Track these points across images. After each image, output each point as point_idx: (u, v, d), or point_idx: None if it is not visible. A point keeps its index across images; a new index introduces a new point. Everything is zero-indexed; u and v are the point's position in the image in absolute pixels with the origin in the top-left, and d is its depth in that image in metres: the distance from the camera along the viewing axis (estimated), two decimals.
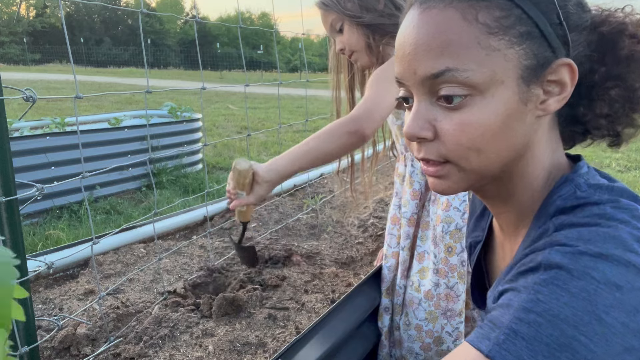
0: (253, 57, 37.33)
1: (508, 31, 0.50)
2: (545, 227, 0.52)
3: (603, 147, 0.65)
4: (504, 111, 0.52)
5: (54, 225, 2.80)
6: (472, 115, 0.52)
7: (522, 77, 0.51)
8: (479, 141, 0.52)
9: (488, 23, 0.50)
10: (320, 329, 1.14)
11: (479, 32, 0.50)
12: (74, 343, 1.21)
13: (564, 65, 0.52)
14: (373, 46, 1.27)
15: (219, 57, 36.89)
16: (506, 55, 0.51)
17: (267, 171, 1.16)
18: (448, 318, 1.30)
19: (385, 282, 1.41)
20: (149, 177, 3.75)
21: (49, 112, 7.61)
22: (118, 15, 50.48)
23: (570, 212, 0.51)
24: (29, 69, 27.27)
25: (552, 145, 0.58)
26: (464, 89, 0.51)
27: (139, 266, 1.70)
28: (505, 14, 0.50)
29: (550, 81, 0.53)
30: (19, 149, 2.95)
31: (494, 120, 0.52)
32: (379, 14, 1.24)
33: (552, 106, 0.53)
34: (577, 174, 0.55)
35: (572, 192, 0.53)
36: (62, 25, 1.08)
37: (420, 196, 1.36)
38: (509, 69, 0.51)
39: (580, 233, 0.47)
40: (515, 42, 0.51)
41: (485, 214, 0.76)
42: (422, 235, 1.37)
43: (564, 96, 0.53)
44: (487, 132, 0.52)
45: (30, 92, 0.91)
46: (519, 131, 0.53)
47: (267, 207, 2.41)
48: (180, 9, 50.85)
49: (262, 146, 5.70)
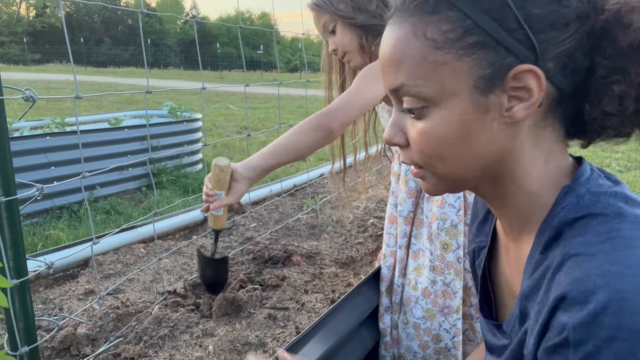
0: (253, 57, 37.34)
1: (454, 44, 0.51)
2: (551, 243, 0.52)
3: (603, 147, 0.64)
4: (459, 121, 0.53)
5: (54, 225, 2.80)
6: (429, 125, 0.55)
7: (475, 87, 0.51)
8: (438, 149, 0.55)
9: (435, 38, 0.52)
10: (320, 329, 1.14)
11: (426, 48, 0.52)
12: (74, 343, 1.21)
13: (525, 72, 0.50)
14: (366, 47, 1.28)
15: (219, 57, 36.89)
16: (454, 67, 0.51)
17: (244, 168, 1.19)
18: (445, 315, 1.30)
19: (385, 282, 1.41)
20: (149, 177, 3.75)
21: (49, 112, 7.61)
22: (118, 15, 50.48)
23: (574, 224, 0.51)
24: (29, 69, 27.27)
25: (544, 149, 0.56)
26: (419, 102, 0.54)
27: (139, 266, 1.70)
28: (452, 26, 0.51)
29: (515, 87, 0.51)
30: (19, 149, 2.95)
31: (449, 130, 0.54)
32: (372, 14, 1.25)
33: (519, 113, 0.52)
34: (579, 183, 0.54)
35: (574, 203, 0.52)
36: (62, 25, 1.08)
37: (415, 194, 1.36)
38: (459, 80, 0.52)
39: (594, 283, 0.44)
40: (463, 53, 0.51)
41: (489, 218, 0.75)
42: (417, 233, 1.37)
43: (531, 102, 0.51)
44: (444, 142, 0.54)
45: (30, 92, 0.91)
46: (482, 140, 0.54)
47: (267, 207, 2.41)
48: (180, 9, 50.84)
49: (262, 146, 5.70)
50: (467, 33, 0.50)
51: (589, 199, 0.52)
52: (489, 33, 0.50)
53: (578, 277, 0.45)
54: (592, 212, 0.50)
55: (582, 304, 0.43)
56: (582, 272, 0.45)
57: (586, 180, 0.54)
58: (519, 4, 0.49)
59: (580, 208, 0.51)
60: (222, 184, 1.20)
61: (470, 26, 0.50)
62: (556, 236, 0.52)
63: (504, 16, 0.49)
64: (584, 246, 0.47)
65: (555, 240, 0.52)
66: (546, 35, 0.50)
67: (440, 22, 0.51)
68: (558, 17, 0.50)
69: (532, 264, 0.54)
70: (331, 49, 1.33)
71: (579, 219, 0.51)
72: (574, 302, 0.44)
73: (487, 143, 0.54)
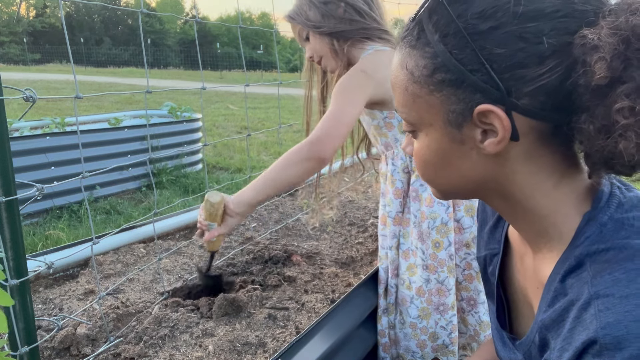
0: (253, 57, 37.35)
1: (427, 79, 0.53)
2: (571, 273, 0.51)
3: None
4: (437, 149, 0.57)
5: (54, 225, 2.80)
6: (418, 147, 0.60)
7: (447, 121, 0.54)
8: (426, 168, 0.60)
9: (413, 71, 0.55)
10: (320, 329, 1.14)
11: (407, 79, 0.56)
12: (74, 343, 1.21)
13: (487, 111, 0.50)
14: (338, 50, 1.32)
15: (219, 57, 36.89)
16: (428, 101, 0.54)
17: (237, 204, 1.23)
18: (441, 312, 1.31)
19: (382, 284, 1.41)
20: (149, 177, 3.75)
21: (49, 112, 7.61)
22: (118, 15, 50.47)
23: (598, 257, 0.49)
24: (29, 69, 27.27)
25: (550, 175, 0.54)
26: (408, 126, 0.60)
27: (139, 266, 1.70)
28: (426, 62, 0.53)
29: (484, 122, 0.51)
30: (19, 149, 2.95)
31: (431, 154, 0.58)
32: (339, 20, 1.29)
33: (489, 148, 0.52)
34: (600, 209, 0.52)
35: (598, 233, 0.51)
36: (62, 25, 1.08)
37: (402, 194, 1.36)
38: (433, 113, 0.55)
39: (627, 329, 0.43)
40: (434, 89, 0.53)
41: (500, 224, 0.74)
42: (404, 232, 1.37)
43: (499, 140, 0.51)
44: (428, 163, 0.59)
45: (30, 92, 0.91)
46: (464, 166, 0.56)
47: (267, 207, 2.41)
48: (180, 9, 50.84)
49: (262, 146, 5.70)
50: (436, 70, 0.52)
51: (612, 227, 0.51)
52: (454, 72, 0.51)
53: (610, 322, 0.44)
54: (616, 245, 0.49)
55: (615, 350, 0.43)
56: (613, 316, 0.44)
57: (606, 204, 0.52)
58: (479, 44, 0.49)
59: (604, 239, 0.50)
60: (214, 217, 1.24)
61: (439, 64, 0.52)
62: (577, 266, 0.51)
63: (466, 56, 0.50)
64: (612, 286, 0.46)
65: (576, 270, 0.51)
66: (512, 74, 0.49)
67: (418, 57, 0.54)
68: (526, 55, 0.48)
69: (552, 292, 0.53)
70: (308, 56, 1.39)
71: (603, 252, 0.49)
72: (606, 349, 0.43)
73: (470, 169, 0.56)
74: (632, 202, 0.53)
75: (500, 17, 0.48)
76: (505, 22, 0.48)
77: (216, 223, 1.25)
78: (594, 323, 0.45)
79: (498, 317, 0.73)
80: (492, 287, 0.75)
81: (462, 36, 0.50)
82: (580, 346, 0.46)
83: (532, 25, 0.48)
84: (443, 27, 0.51)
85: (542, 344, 0.55)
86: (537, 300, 0.59)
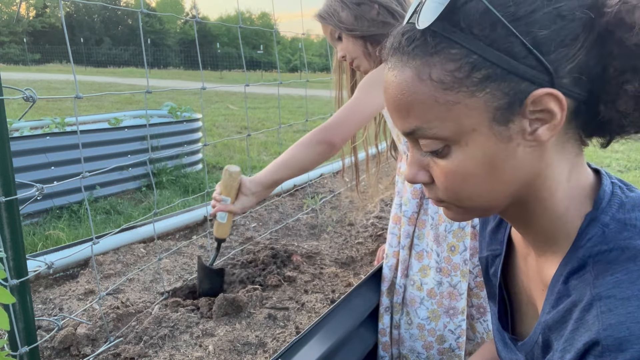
0: (253, 57, 37.35)
1: (464, 81, 0.49)
2: (574, 274, 0.51)
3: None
4: (483, 156, 0.52)
5: (54, 225, 2.80)
6: (453, 164, 0.53)
7: (494, 120, 0.50)
8: (465, 187, 0.54)
9: (442, 79, 0.50)
10: (320, 329, 1.14)
11: (434, 90, 0.51)
12: (74, 343, 1.21)
13: (544, 95, 0.49)
14: (371, 53, 1.31)
15: (219, 57, 36.89)
16: (468, 105, 0.50)
17: (251, 182, 1.24)
18: (451, 316, 1.30)
19: (386, 282, 1.41)
20: (149, 177, 3.75)
21: (49, 112, 7.61)
22: (118, 15, 50.47)
23: (601, 258, 0.49)
24: (29, 69, 27.27)
25: (567, 165, 0.55)
26: (439, 143, 0.53)
27: (139, 266, 1.70)
28: (458, 65, 0.49)
29: (535, 111, 0.50)
30: (19, 149, 2.95)
31: (475, 165, 0.53)
32: (372, 23, 1.28)
33: (543, 135, 0.51)
34: (602, 210, 0.52)
35: (600, 234, 0.51)
36: (62, 25, 1.08)
37: (420, 195, 1.36)
38: (476, 116, 0.50)
39: (630, 331, 0.43)
40: (475, 89, 0.49)
41: (502, 225, 0.74)
42: (419, 233, 1.37)
43: (554, 124, 0.50)
44: (471, 178, 0.53)
45: (30, 92, 0.91)
46: (508, 168, 0.52)
47: (267, 207, 2.41)
48: (180, 9, 50.83)
49: (262, 146, 5.71)
50: (475, 69, 0.49)
51: (614, 227, 0.51)
52: (498, 65, 0.48)
53: (612, 323, 0.44)
54: (619, 246, 0.49)
55: (617, 352, 0.43)
56: (615, 318, 0.44)
57: (608, 204, 0.53)
58: (523, 30, 0.48)
59: (606, 240, 0.50)
60: (229, 190, 1.25)
61: (477, 61, 0.49)
62: (579, 268, 0.51)
63: (510, 45, 0.48)
64: (614, 287, 0.46)
65: (578, 271, 0.51)
66: (557, 55, 0.49)
67: (444, 62, 0.50)
68: (565, 33, 0.49)
69: (555, 293, 0.53)
70: (340, 56, 1.37)
71: (605, 253, 0.49)
72: (608, 350, 0.43)
73: (514, 169, 0.53)
74: (634, 202, 0.53)
75: (533, 1, 0.48)
76: (540, 4, 0.48)
77: (230, 198, 1.25)
78: (596, 324, 0.45)
79: (500, 318, 0.72)
80: (493, 288, 0.74)
81: (502, 25, 0.48)
82: (582, 347, 0.46)
83: (564, 3, 0.49)
84: (476, 22, 0.49)
85: (545, 345, 0.55)
86: (541, 301, 0.59)
